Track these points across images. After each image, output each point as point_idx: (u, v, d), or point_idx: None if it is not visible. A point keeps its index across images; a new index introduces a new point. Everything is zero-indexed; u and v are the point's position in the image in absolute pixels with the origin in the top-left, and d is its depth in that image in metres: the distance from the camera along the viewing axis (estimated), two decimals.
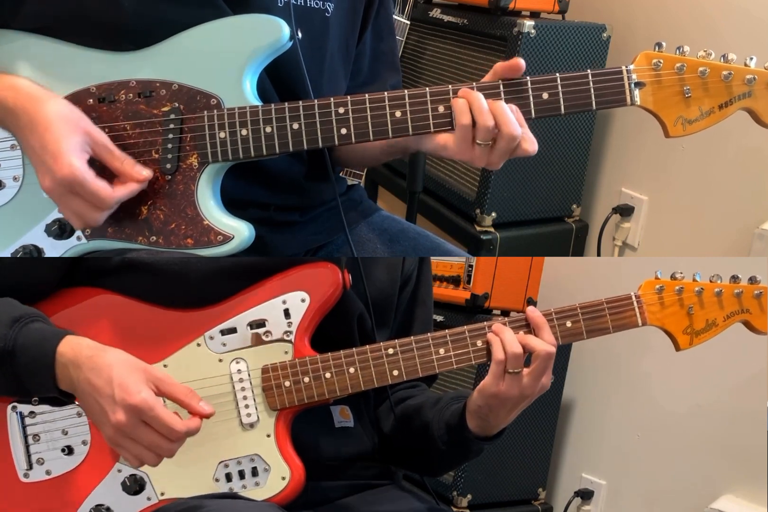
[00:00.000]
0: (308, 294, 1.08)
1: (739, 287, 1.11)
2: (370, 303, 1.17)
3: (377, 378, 1.08)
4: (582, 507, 2.39)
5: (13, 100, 1.09)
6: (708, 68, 1.10)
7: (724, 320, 1.11)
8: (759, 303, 1.11)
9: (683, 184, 2.34)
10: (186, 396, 0.99)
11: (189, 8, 1.14)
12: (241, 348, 1.08)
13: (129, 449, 0.97)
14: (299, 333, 1.08)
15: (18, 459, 1.07)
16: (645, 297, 1.11)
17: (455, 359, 1.09)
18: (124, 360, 0.98)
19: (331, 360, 1.07)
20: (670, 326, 1.11)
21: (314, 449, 1.12)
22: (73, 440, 1.07)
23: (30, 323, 1.01)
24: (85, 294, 1.11)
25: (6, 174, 1.17)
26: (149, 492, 1.05)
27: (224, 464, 1.05)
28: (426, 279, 1.31)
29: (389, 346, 1.08)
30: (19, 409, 1.07)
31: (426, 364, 1.08)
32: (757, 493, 1.97)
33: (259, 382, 1.07)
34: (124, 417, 0.95)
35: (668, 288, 1.11)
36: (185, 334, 1.08)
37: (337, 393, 1.07)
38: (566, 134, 2.35)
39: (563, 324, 1.10)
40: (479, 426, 1.12)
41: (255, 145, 1.12)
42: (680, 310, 1.11)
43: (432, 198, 2.51)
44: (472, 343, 1.09)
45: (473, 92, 1.10)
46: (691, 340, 1.11)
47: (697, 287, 1.11)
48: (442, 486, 2.18)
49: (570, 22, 2.30)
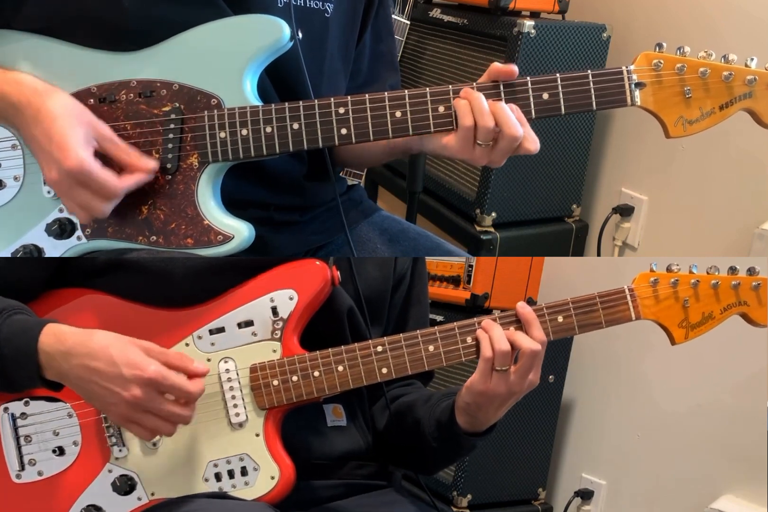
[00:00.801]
0: (296, 292, 1.08)
1: (737, 278, 1.08)
2: (362, 298, 1.17)
3: (366, 376, 1.07)
4: (582, 507, 2.39)
5: (17, 95, 1.09)
6: (709, 69, 1.10)
7: (721, 312, 1.08)
8: (757, 294, 1.08)
9: (683, 184, 2.34)
10: (180, 360, 1.01)
11: (190, 8, 1.14)
12: (229, 347, 1.08)
13: (144, 423, 0.98)
14: (288, 332, 1.08)
15: (10, 460, 1.07)
16: (639, 291, 1.09)
17: (445, 356, 1.08)
18: (116, 338, 0.99)
19: (320, 358, 1.07)
20: (665, 320, 1.09)
21: (306, 448, 1.12)
22: (64, 441, 1.07)
23: (13, 315, 1.01)
24: (73, 294, 1.11)
25: (7, 173, 1.17)
26: (140, 493, 1.05)
27: (213, 464, 1.06)
28: (421, 278, 1.31)
29: (378, 344, 1.07)
30: (10, 410, 1.07)
31: (415, 361, 1.07)
32: (757, 493, 1.97)
33: (247, 382, 1.07)
34: (141, 391, 0.96)
35: (663, 280, 1.09)
36: (174, 334, 1.08)
37: (326, 392, 1.07)
38: (566, 134, 2.35)
39: (554, 319, 1.09)
40: (468, 422, 1.11)
41: (255, 144, 1.12)
42: (675, 303, 1.09)
43: (432, 198, 2.51)
44: (462, 340, 1.08)
45: (474, 93, 1.10)
46: (687, 334, 1.09)
47: (693, 279, 1.09)
48: (442, 486, 2.18)
49: (570, 22, 2.30)
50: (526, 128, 1.09)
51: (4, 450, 1.07)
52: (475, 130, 1.09)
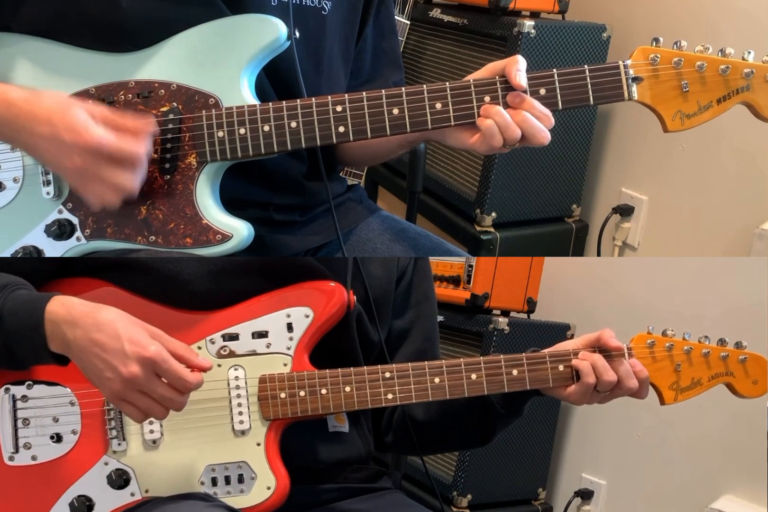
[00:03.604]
0: (312, 311, 1.10)
1: (726, 350, 1.13)
2: (372, 300, 1.18)
3: (371, 400, 1.09)
4: (582, 507, 2.39)
5: (6, 106, 1.07)
6: (705, 62, 1.10)
7: (709, 380, 1.13)
8: (743, 367, 1.13)
9: (683, 184, 2.34)
10: (186, 351, 1.01)
11: (188, 8, 1.14)
12: (241, 355, 1.09)
13: (137, 403, 0.97)
14: (300, 348, 1.09)
15: (5, 441, 1.07)
16: (636, 351, 1.12)
17: (449, 390, 1.10)
18: (125, 315, 0.99)
19: (329, 376, 1.08)
20: (658, 380, 1.12)
21: (303, 452, 1.12)
22: (63, 428, 1.07)
23: (16, 290, 1.01)
24: (89, 284, 1.10)
25: (6, 175, 1.17)
26: (133, 488, 1.05)
27: (211, 468, 1.06)
28: (426, 274, 1.31)
29: (386, 370, 1.09)
30: (12, 392, 1.07)
31: (420, 391, 1.09)
32: (757, 493, 1.96)
33: (255, 391, 1.08)
34: (139, 369, 0.95)
35: (659, 344, 1.12)
36: (187, 336, 1.08)
37: (330, 410, 1.08)
38: (566, 134, 2.35)
39: (555, 368, 1.11)
40: None
41: (253, 143, 1.12)
42: (669, 366, 1.12)
43: (432, 198, 2.51)
44: (467, 376, 1.10)
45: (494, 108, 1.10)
46: (676, 396, 1.13)
47: (687, 346, 1.13)
48: (443, 486, 2.18)
49: (570, 22, 2.30)
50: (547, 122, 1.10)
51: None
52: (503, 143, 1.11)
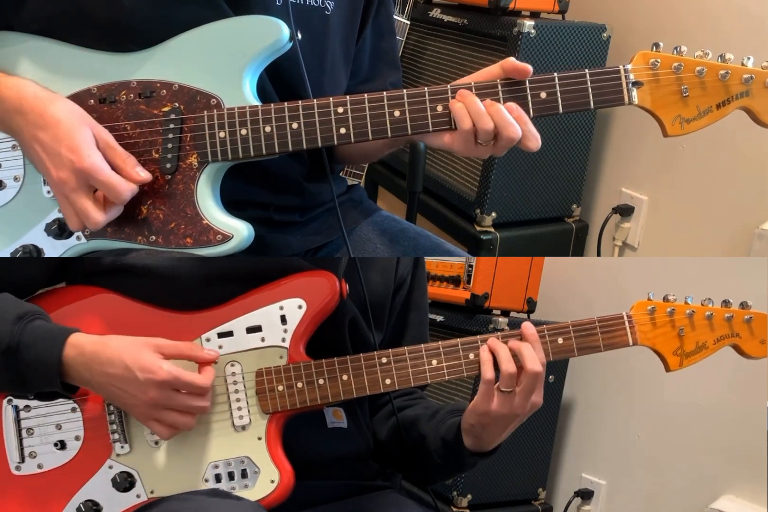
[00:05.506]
0: (305, 302, 1.10)
1: (730, 311, 1.12)
2: (368, 305, 1.18)
3: (369, 386, 1.09)
4: (582, 507, 2.39)
5: (18, 100, 1.09)
6: (705, 67, 1.10)
7: (714, 343, 1.12)
8: (749, 327, 1.12)
9: (683, 184, 2.34)
10: (191, 351, 1.05)
11: (190, 9, 1.14)
12: (236, 351, 1.09)
13: (166, 419, 1.02)
14: (294, 340, 1.09)
15: (11, 452, 1.08)
16: (637, 317, 1.12)
17: (447, 370, 1.10)
18: (129, 343, 1.03)
19: (325, 366, 1.09)
20: (661, 347, 1.12)
21: (304, 448, 1.12)
22: (66, 435, 1.08)
23: (33, 321, 1.03)
24: (83, 292, 1.11)
25: (7, 174, 1.17)
26: (139, 490, 1.06)
27: (214, 465, 1.06)
28: (420, 283, 1.32)
29: (383, 355, 1.09)
30: (14, 402, 1.08)
31: (418, 374, 1.10)
32: (757, 493, 1.97)
33: (252, 385, 1.08)
34: (157, 392, 1.01)
35: (660, 309, 1.12)
36: (182, 336, 1.08)
37: (329, 400, 1.08)
38: (566, 134, 2.35)
39: (555, 341, 1.11)
40: (474, 443, 1.13)
41: (255, 144, 1.13)
42: (671, 331, 1.12)
43: (432, 198, 2.52)
44: (464, 355, 1.10)
45: (469, 95, 1.10)
46: (681, 362, 1.12)
47: (689, 309, 1.12)
48: (442, 486, 2.18)
49: (570, 22, 2.30)
50: (527, 126, 1.09)
51: (5, 441, 1.08)
52: (474, 131, 1.09)
